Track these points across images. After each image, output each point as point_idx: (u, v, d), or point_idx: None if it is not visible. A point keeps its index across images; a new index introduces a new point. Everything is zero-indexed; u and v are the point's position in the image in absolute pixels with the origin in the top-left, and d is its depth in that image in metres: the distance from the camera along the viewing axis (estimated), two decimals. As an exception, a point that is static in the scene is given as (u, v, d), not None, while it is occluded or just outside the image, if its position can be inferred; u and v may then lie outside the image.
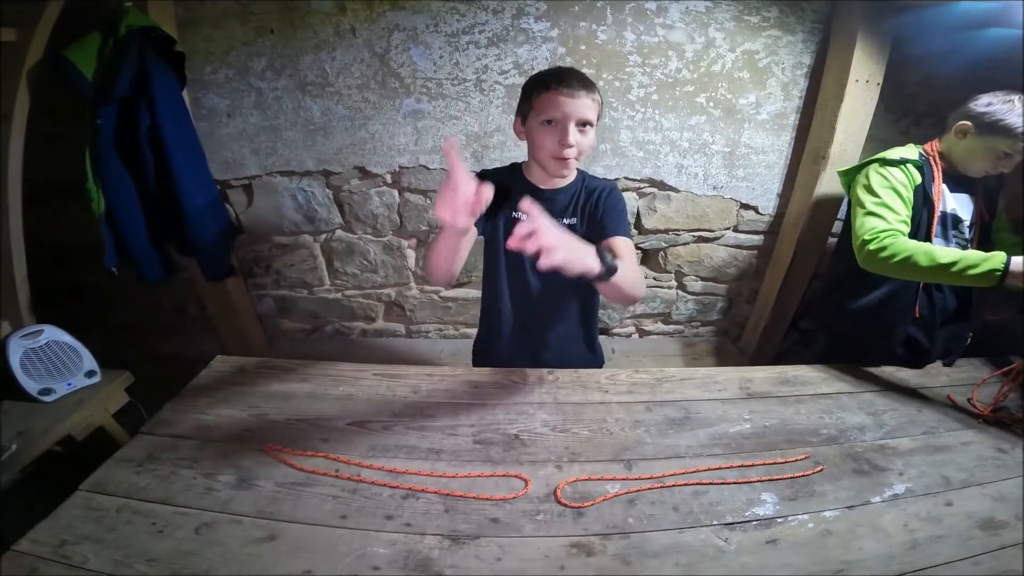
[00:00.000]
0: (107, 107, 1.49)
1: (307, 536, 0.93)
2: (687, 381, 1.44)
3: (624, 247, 1.31)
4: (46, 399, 1.64)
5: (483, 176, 1.34)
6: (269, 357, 2.22)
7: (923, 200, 1.50)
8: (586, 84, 1.23)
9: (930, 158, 1.54)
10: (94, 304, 2.31)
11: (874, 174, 1.52)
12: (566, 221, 1.37)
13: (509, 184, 1.34)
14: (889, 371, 1.53)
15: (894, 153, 1.55)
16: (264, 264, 2.30)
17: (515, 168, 1.42)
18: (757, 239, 2.35)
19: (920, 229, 1.49)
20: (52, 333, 1.69)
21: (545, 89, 1.23)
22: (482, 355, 1.63)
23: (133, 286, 1.79)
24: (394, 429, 1.21)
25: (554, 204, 1.37)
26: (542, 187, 1.38)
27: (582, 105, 1.22)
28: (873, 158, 1.56)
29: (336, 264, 2.33)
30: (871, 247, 1.40)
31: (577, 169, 1.41)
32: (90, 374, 1.75)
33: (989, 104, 1.43)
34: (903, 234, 1.41)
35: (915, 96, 2.05)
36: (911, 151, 1.56)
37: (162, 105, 1.53)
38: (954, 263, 1.27)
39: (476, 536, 0.95)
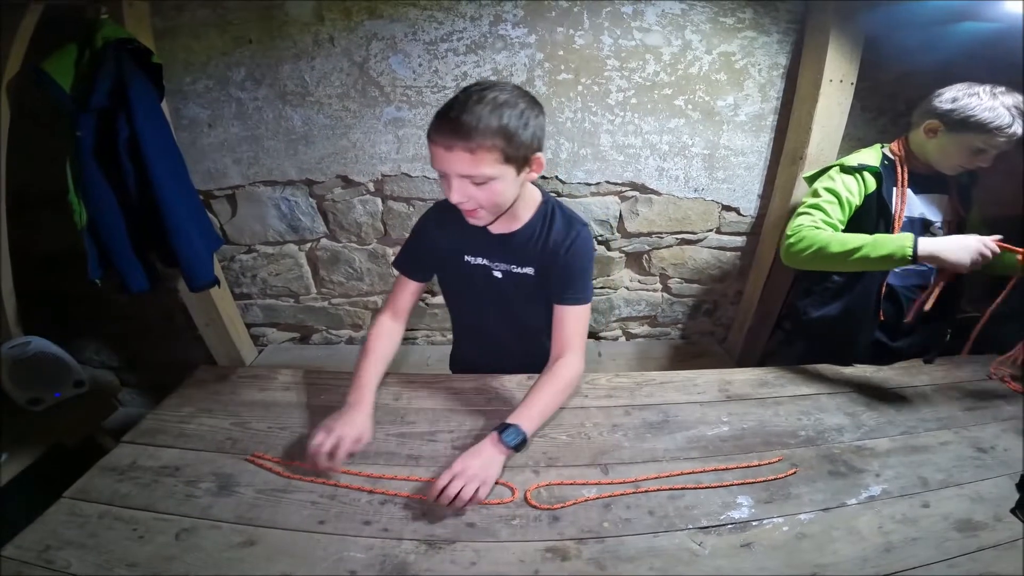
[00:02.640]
0: (85, 118, 1.49)
1: (285, 541, 0.94)
2: (667, 384, 1.45)
3: (572, 323, 1.26)
4: (35, 408, 1.65)
5: (437, 210, 1.33)
6: (256, 366, 2.27)
7: (877, 207, 1.49)
8: (465, 131, 0.99)
9: (896, 160, 1.53)
10: (82, 314, 2.31)
11: (825, 178, 1.54)
12: (522, 271, 1.27)
13: (457, 222, 1.21)
14: (870, 371, 1.54)
15: (853, 159, 1.54)
16: (250, 274, 2.30)
17: None
18: (740, 240, 2.36)
19: None
20: (40, 344, 1.70)
21: (428, 135, 1.05)
22: (461, 365, 1.63)
23: (120, 296, 1.79)
24: (374, 436, 1.21)
25: (507, 250, 1.26)
26: (493, 231, 1.24)
27: (457, 160, 1.02)
28: (833, 163, 1.57)
29: (322, 273, 2.32)
30: (789, 241, 1.43)
31: (545, 197, 1.28)
32: (78, 384, 1.77)
33: (955, 100, 1.39)
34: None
35: (892, 95, 2.06)
36: (873, 155, 1.55)
37: (140, 116, 1.52)
38: (861, 247, 1.31)
39: (452, 541, 0.96)
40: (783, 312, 2.31)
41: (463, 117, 0.99)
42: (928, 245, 1.26)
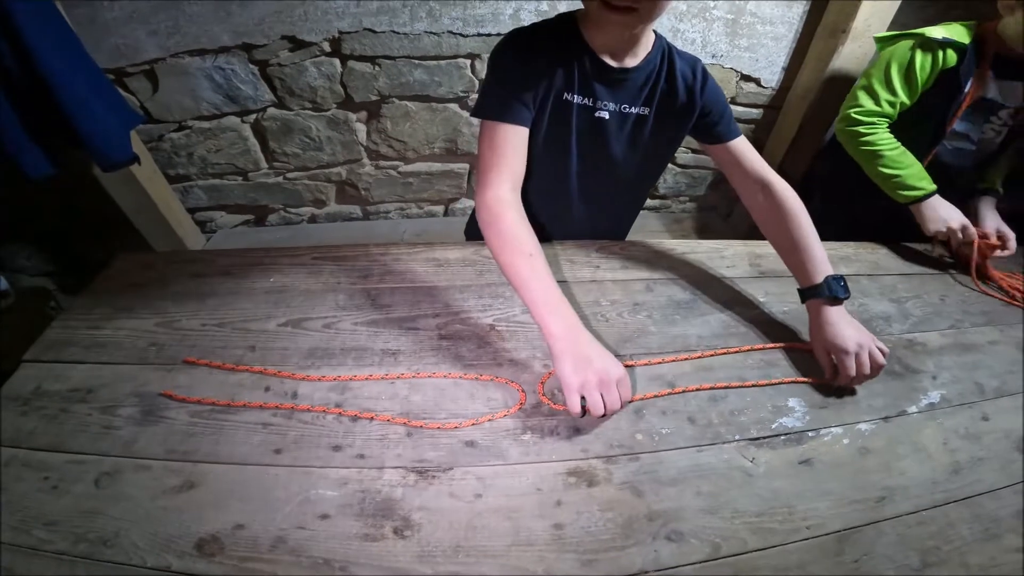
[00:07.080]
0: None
1: (234, 480, 0.73)
2: (690, 255, 1.24)
3: (750, 151, 1.14)
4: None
5: (522, 37, 0.98)
6: (192, 251, 1.98)
7: (948, 85, 1.37)
8: None
9: (986, 38, 1.36)
10: (4, 217, 1.95)
11: (901, 52, 1.39)
12: (633, 110, 1.05)
13: (563, 53, 0.97)
14: (906, 251, 1.38)
15: (937, 32, 1.36)
16: (184, 152, 1.97)
17: (569, 25, 0.98)
18: (756, 113, 2.19)
19: (934, 113, 1.40)
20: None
21: None
22: None
23: (45, 192, 1.53)
24: (339, 327, 0.98)
25: (621, 87, 1.02)
26: (612, 63, 0.99)
27: None
28: (915, 32, 1.38)
29: (272, 145, 2.01)
30: (857, 129, 1.41)
31: (655, 34, 1.03)
32: (2, 296, 1.52)
33: None
34: (889, 119, 1.42)
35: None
36: (960, 33, 1.36)
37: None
38: (899, 174, 1.35)
39: (448, 467, 0.76)
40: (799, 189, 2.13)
41: None
42: (930, 203, 1.33)
